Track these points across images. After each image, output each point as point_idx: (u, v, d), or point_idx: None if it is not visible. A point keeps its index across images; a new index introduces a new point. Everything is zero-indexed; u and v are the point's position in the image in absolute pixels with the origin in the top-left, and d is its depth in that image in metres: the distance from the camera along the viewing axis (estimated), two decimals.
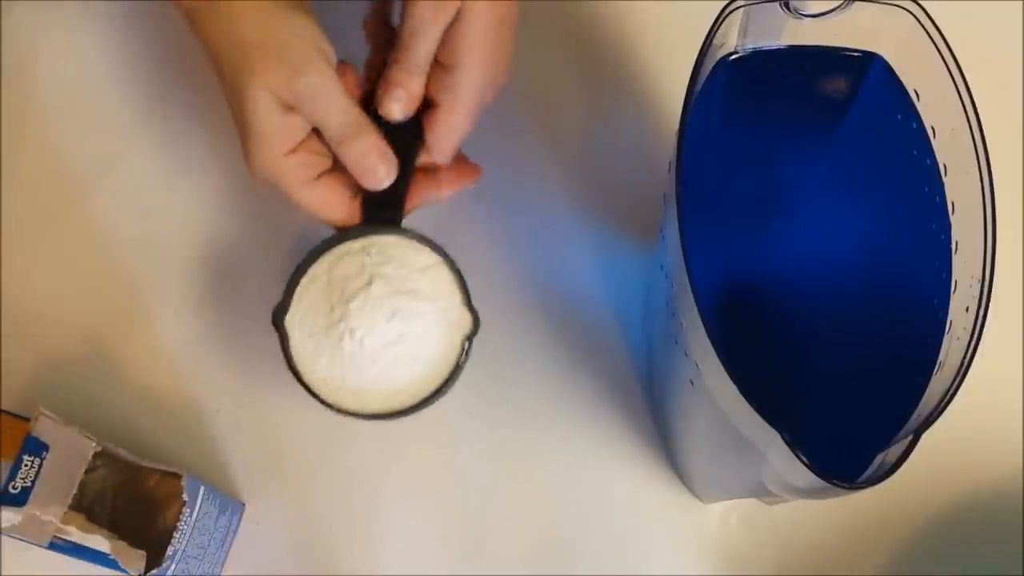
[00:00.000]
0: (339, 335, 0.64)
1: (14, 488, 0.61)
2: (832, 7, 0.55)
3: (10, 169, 0.75)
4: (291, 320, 0.65)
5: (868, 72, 0.58)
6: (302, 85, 0.61)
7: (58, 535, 0.61)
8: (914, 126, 0.56)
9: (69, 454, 0.62)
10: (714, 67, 0.57)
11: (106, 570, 0.62)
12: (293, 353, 0.65)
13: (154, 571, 0.61)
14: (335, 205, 0.66)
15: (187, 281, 0.73)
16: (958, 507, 0.71)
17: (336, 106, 0.63)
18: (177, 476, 0.62)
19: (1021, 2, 0.78)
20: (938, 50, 0.53)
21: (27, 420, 0.65)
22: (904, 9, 0.54)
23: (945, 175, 0.56)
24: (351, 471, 0.72)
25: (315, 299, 0.65)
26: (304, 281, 0.66)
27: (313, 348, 0.65)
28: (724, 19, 0.54)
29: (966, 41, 0.77)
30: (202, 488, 0.64)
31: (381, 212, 0.67)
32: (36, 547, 0.61)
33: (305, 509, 0.71)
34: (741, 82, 0.58)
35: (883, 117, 0.58)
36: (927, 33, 0.53)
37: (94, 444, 0.62)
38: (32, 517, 0.61)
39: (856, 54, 0.58)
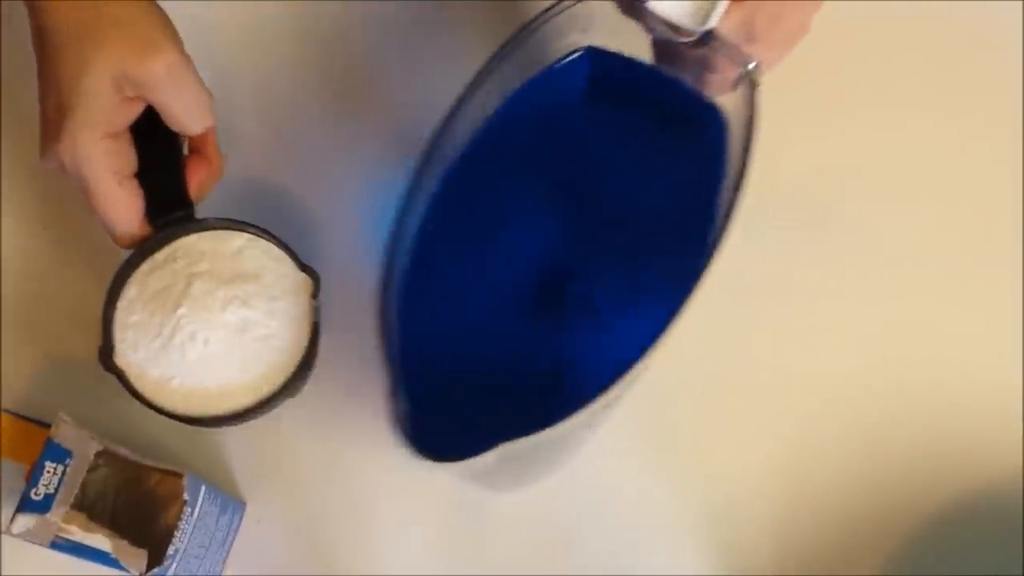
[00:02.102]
0: (180, 347, 0.62)
1: (36, 495, 0.61)
2: (688, 37, 0.52)
3: (12, 167, 0.75)
4: (123, 355, 0.63)
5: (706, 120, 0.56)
6: (159, 64, 0.60)
7: (60, 535, 0.61)
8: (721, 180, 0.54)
9: (78, 455, 0.62)
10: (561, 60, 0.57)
11: (107, 569, 0.61)
12: (139, 387, 0.63)
13: (155, 570, 0.61)
14: (132, 214, 0.63)
15: None
16: (958, 507, 0.71)
17: (194, 87, 0.63)
18: (178, 475, 0.62)
19: (1021, 2, 0.78)
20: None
21: (28, 419, 0.66)
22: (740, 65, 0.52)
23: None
24: (352, 470, 0.72)
25: (139, 324, 0.63)
26: (119, 312, 0.63)
27: (159, 373, 0.63)
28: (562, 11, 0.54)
29: (966, 42, 0.78)
30: (203, 487, 0.64)
31: (171, 213, 0.64)
32: (36, 547, 0.61)
33: (306, 508, 0.71)
34: (574, 79, 0.59)
35: (701, 160, 0.56)
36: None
37: (96, 443, 0.62)
38: (43, 521, 0.61)
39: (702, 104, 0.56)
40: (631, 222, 0.58)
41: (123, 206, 0.63)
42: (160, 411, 0.63)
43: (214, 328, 0.62)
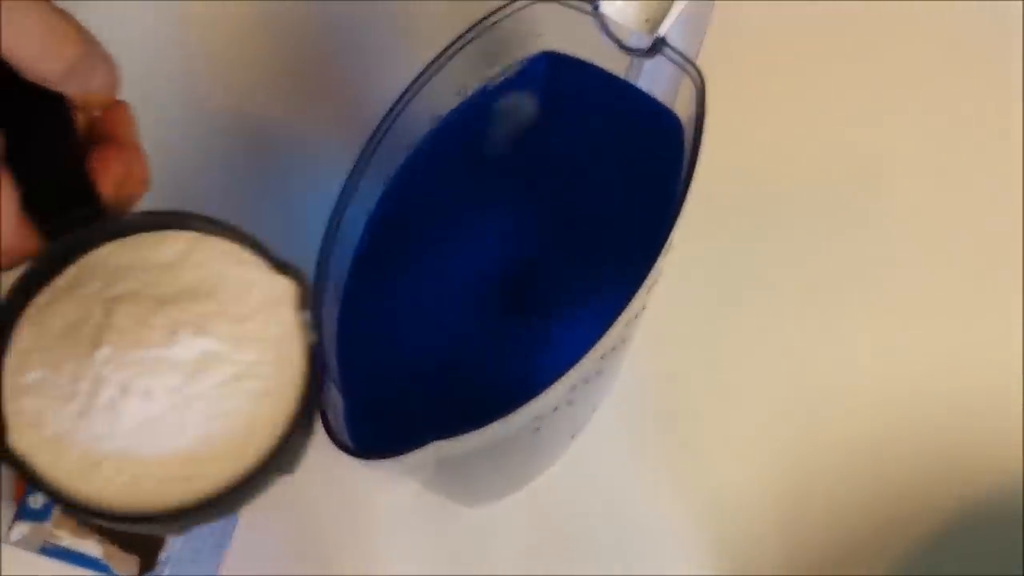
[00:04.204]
0: (108, 408, 0.41)
1: (35, 503, 0.61)
2: (640, 47, 0.51)
3: None
4: (22, 435, 0.41)
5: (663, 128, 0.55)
6: None
7: (49, 540, 0.61)
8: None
9: None
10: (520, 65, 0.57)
11: (98, 575, 0.61)
12: (54, 478, 0.41)
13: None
14: (2, 216, 0.42)
15: None
16: (958, 508, 0.70)
17: (28, 16, 0.41)
18: None
19: (1021, 2, 0.78)
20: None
21: None
22: (688, 75, 0.51)
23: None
24: (349, 471, 0.71)
25: (42, 384, 0.41)
26: (8, 374, 0.42)
27: (82, 453, 0.41)
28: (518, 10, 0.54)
29: (966, 41, 0.77)
30: None
31: (68, 212, 0.43)
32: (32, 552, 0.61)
33: (303, 510, 0.71)
34: (536, 80, 0.58)
35: (657, 169, 0.55)
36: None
37: None
38: (38, 527, 0.61)
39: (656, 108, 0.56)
40: (590, 225, 0.58)
41: None
42: (91, 513, 0.42)
43: (156, 372, 0.41)
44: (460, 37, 0.53)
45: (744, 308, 0.74)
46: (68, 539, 0.61)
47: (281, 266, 0.44)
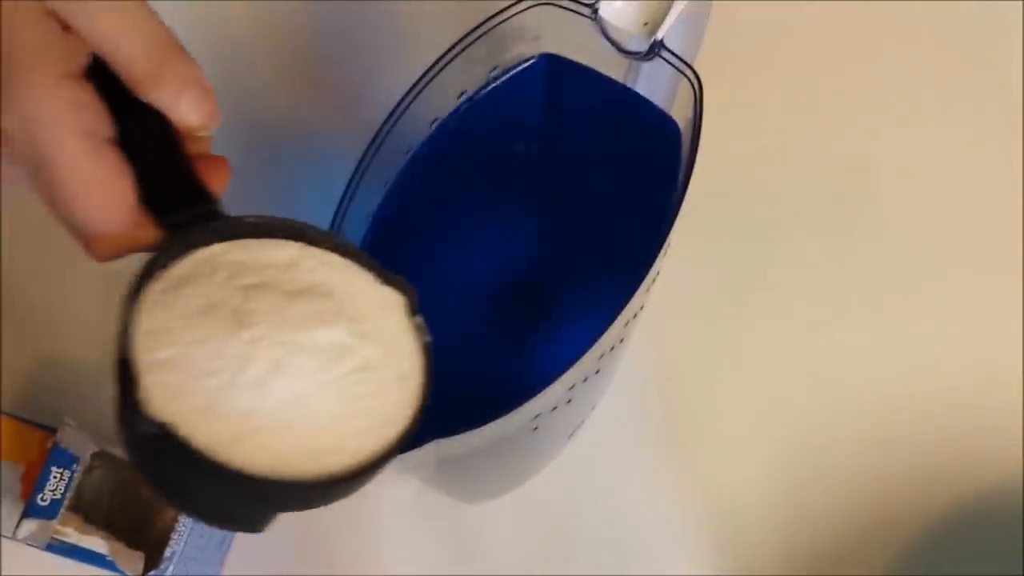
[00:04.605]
0: (257, 383, 0.41)
1: (42, 500, 0.61)
2: (638, 50, 0.52)
3: None
4: (156, 411, 0.40)
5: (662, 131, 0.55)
6: None
7: (55, 536, 0.61)
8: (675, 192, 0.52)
9: (82, 460, 0.62)
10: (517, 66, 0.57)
11: (104, 571, 0.62)
12: (210, 450, 0.40)
13: (152, 572, 0.61)
14: (118, 199, 0.42)
15: None
16: (958, 508, 0.70)
17: (135, 17, 0.42)
18: None
19: (1021, 2, 0.78)
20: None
21: (25, 421, 0.66)
22: (686, 77, 0.51)
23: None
24: None
25: (179, 360, 0.41)
26: (140, 353, 0.41)
27: (221, 427, 0.41)
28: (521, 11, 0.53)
29: (966, 41, 0.78)
30: None
31: (185, 208, 0.44)
32: (35, 547, 0.62)
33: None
34: (531, 83, 0.58)
35: (655, 171, 0.55)
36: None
37: (92, 444, 0.62)
38: (45, 524, 0.61)
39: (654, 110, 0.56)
40: (589, 226, 0.58)
41: (104, 184, 0.41)
42: (242, 478, 0.40)
43: (305, 353, 0.42)
44: (460, 40, 0.53)
45: (743, 308, 0.74)
46: (74, 536, 0.61)
47: (386, 277, 0.46)
